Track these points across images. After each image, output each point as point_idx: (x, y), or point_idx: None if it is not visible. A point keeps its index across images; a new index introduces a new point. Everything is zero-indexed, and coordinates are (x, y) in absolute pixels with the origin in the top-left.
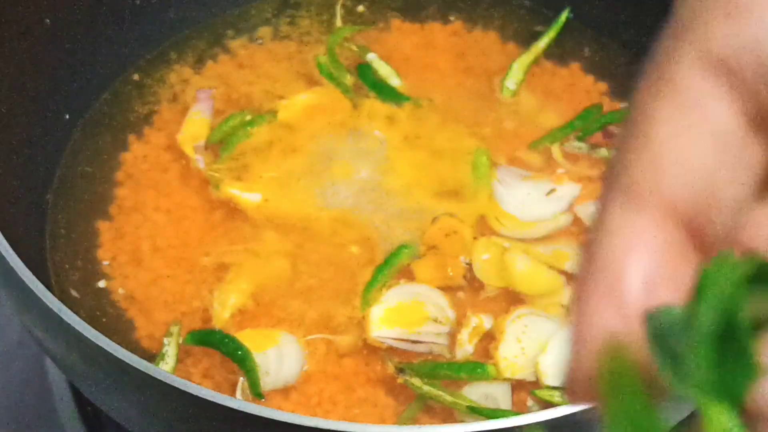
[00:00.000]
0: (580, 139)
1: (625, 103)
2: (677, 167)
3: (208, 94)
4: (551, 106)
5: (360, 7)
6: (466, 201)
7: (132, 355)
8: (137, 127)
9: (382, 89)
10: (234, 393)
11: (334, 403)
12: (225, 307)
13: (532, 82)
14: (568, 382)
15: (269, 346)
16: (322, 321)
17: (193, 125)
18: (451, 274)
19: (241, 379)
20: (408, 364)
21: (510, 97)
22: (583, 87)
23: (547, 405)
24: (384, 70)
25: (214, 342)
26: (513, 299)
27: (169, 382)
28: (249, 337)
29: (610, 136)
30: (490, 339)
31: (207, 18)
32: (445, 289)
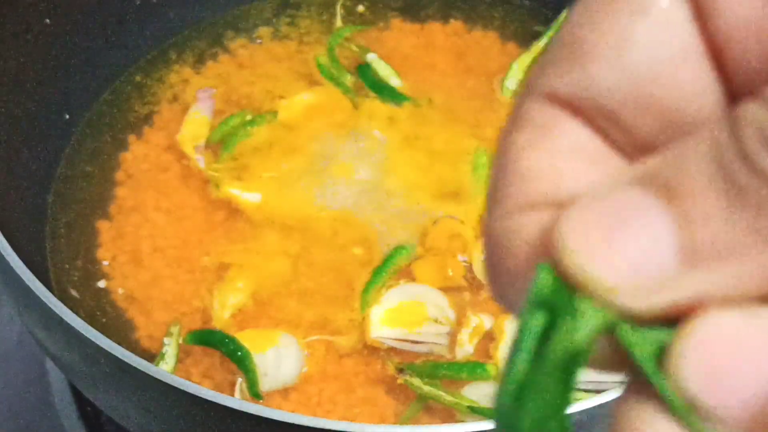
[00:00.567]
0: None
1: None
2: (538, 179)
3: (208, 94)
4: None
5: (360, 7)
6: (467, 202)
7: (132, 355)
8: (137, 127)
9: (382, 89)
10: (233, 393)
11: (334, 403)
12: (225, 307)
13: None
14: (492, 285)
15: (269, 346)
16: (321, 321)
17: (193, 125)
18: (451, 274)
19: (239, 380)
20: (408, 364)
21: (510, 97)
22: None
23: None
24: (384, 71)
25: (214, 342)
26: None
27: (169, 382)
28: (249, 337)
29: None
30: (490, 339)
31: (207, 18)
32: (446, 290)
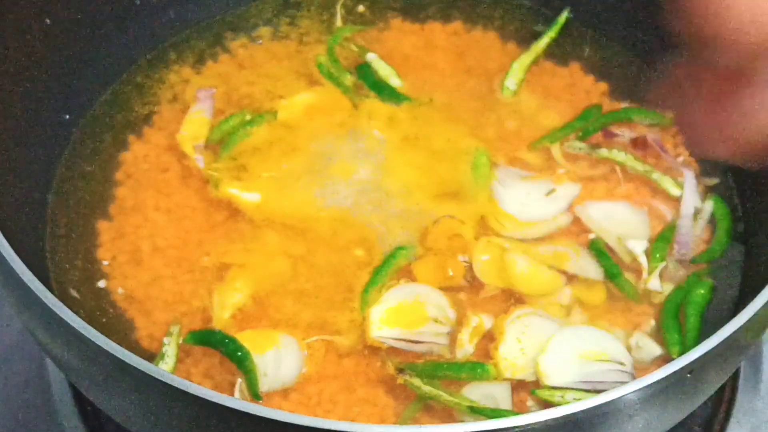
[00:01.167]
0: (580, 139)
1: (625, 103)
2: None
3: (208, 94)
4: (551, 106)
5: (360, 7)
6: (466, 202)
7: (132, 354)
8: (137, 127)
9: (382, 89)
10: (233, 393)
11: (334, 403)
12: (225, 308)
13: (532, 82)
14: None
15: (269, 347)
16: (321, 322)
17: (193, 125)
18: (451, 274)
19: (239, 380)
20: (408, 364)
21: (510, 97)
22: (583, 87)
23: (547, 405)
24: (384, 70)
25: (214, 342)
26: (513, 299)
27: (169, 382)
28: (249, 338)
29: (610, 136)
30: (490, 339)
31: (207, 18)
32: (446, 290)
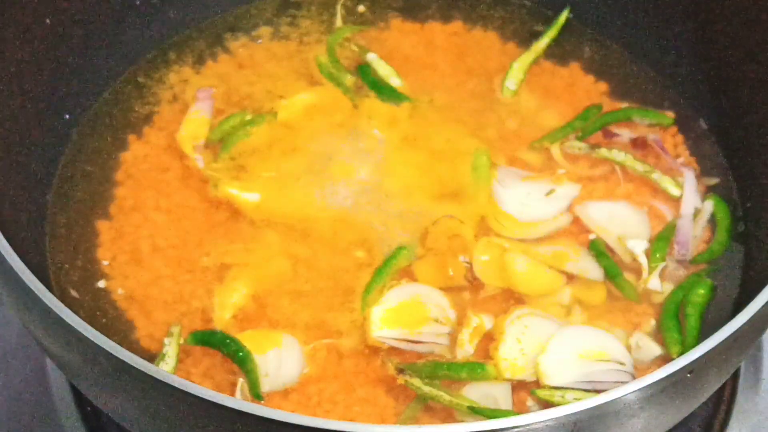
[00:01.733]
0: (580, 139)
1: (625, 103)
2: None
3: (208, 94)
4: (551, 106)
5: (360, 7)
6: (466, 202)
7: (132, 355)
8: (137, 127)
9: (382, 89)
10: (234, 393)
11: (334, 403)
12: (225, 308)
13: (532, 82)
14: None
15: (270, 347)
16: (322, 322)
17: (193, 124)
18: (452, 274)
19: (240, 380)
20: (408, 364)
21: (510, 97)
22: (583, 87)
23: (547, 405)
24: (384, 70)
25: (215, 343)
26: (513, 299)
27: (169, 382)
28: (250, 338)
29: (610, 136)
30: (490, 339)
31: (207, 18)
32: (446, 290)
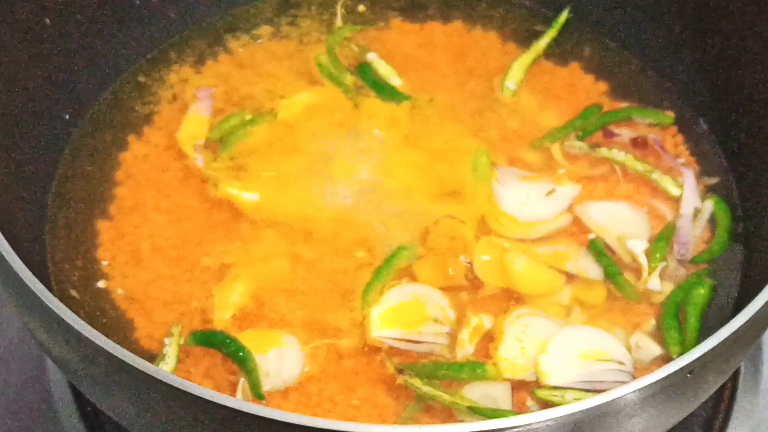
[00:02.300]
0: (580, 139)
1: (625, 103)
2: None
3: (207, 93)
4: (551, 106)
5: (360, 7)
6: (466, 202)
7: (132, 355)
8: (137, 127)
9: (382, 89)
10: (234, 393)
11: (334, 403)
12: (225, 308)
13: (532, 82)
14: None
15: (270, 347)
16: (322, 321)
17: (193, 124)
18: (452, 274)
19: (241, 380)
20: (408, 364)
21: (510, 96)
22: (583, 87)
23: (547, 405)
24: (384, 70)
25: (216, 343)
26: (513, 299)
27: (169, 382)
28: (251, 338)
29: (610, 136)
30: (490, 339)
31: (207, 18)
32: (447, 290)
